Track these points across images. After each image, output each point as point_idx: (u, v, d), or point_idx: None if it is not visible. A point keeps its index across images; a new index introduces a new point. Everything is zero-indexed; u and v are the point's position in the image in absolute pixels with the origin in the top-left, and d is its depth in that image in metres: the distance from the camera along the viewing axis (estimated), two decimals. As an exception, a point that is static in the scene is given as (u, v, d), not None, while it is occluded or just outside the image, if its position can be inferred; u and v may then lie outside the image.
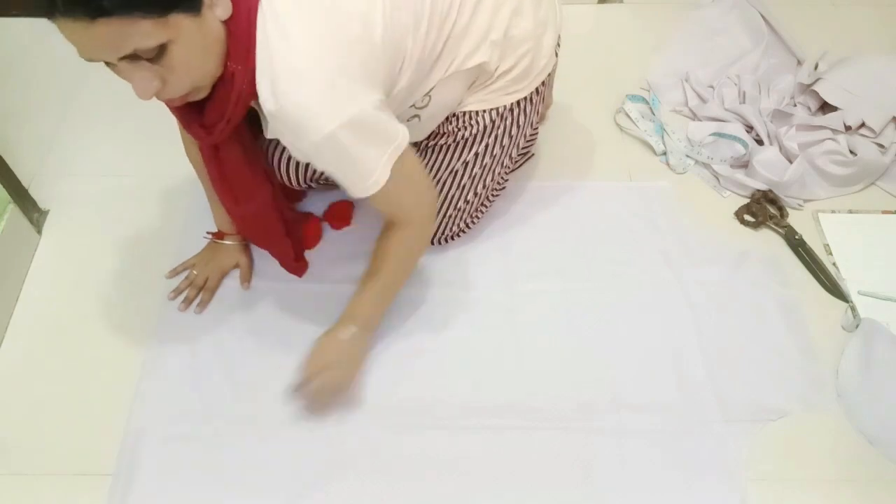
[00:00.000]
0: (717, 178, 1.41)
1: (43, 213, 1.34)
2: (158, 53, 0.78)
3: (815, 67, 1.57)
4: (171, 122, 1.49)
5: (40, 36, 1.67)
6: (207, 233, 1.27)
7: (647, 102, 1.54)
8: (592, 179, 1.41)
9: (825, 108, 1.47)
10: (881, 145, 1.41)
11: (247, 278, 1.26)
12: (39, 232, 1.32)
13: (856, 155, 1.38)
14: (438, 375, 1.15)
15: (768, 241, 1.33)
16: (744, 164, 1.42)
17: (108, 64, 0.79)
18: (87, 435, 1.09)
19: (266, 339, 1.19)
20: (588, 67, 1.61)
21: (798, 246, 1.32)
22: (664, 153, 1.45)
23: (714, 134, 1.46)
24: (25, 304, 1.23)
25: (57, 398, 1.12)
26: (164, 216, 1.35)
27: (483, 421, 1.10)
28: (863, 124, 1.41)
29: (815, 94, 1.47)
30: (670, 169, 1.43)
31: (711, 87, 1.56)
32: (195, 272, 1.25)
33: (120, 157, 1.45)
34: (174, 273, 1.26)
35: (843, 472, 1.07)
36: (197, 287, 1.24)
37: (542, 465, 1.06)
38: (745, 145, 1.41)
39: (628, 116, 1.51)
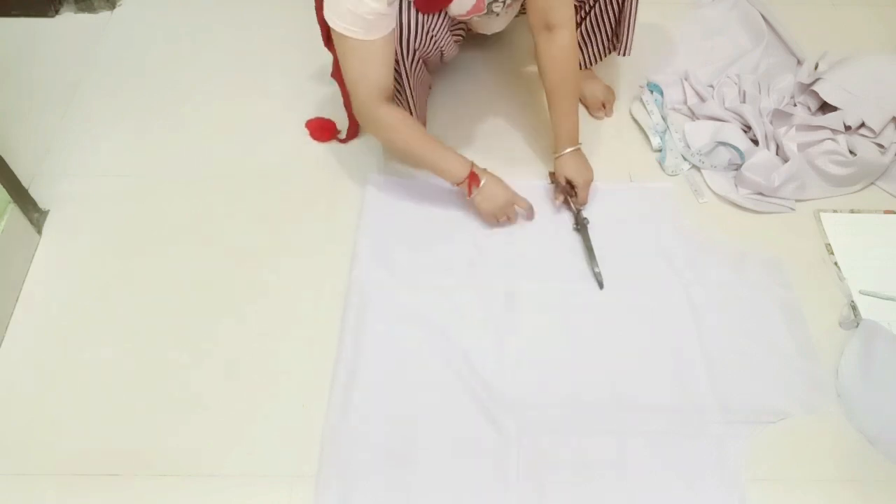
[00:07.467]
0: (706, 184, 1.41)
1: (43, 213, 1.34)
2: None
3: (815, 67, 1.57)
4: (171, 122, 1.50)
5: (40, 36, 1.68)
6: (459, 185, 1.26)
7: (662, 94, 1.54)
8: (593, 180, 1.41)
9: (825, 107, 1.47)
10: (881, 145, 1.41)
11: (525, 204, 1.32)
12: (39, 232, 1.32)
13: (855, 155, 1.38)
14: (435, 376, 1.15)
15: (769, 242, 1.33)
16: (737, 169, 1.42)
17: None
18: (87, 435, 1.09)
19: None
20: (588, 67, 1.61)
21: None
22: (660, 150, 1.45)
23: (718, 143, 1.45)
24: (25, 304, 1.23)
25: (57, 398, 1.13)
26: (164, 216, 1.35)
27: (481, 421, 1.10)
28: (863, 124, 1.41)
29: (815, 94, 1.47)
30: (662, 170, 1.43)
31: (711, 86, 1.55)
32: (502, 220, 1.30)
33: (120, 157, 1.45)
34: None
35: (843, 472, 1.07)
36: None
37: (540, 466, 1.06)
38: (742, 156, 1.40)
39: (644, 107, 1.52)
